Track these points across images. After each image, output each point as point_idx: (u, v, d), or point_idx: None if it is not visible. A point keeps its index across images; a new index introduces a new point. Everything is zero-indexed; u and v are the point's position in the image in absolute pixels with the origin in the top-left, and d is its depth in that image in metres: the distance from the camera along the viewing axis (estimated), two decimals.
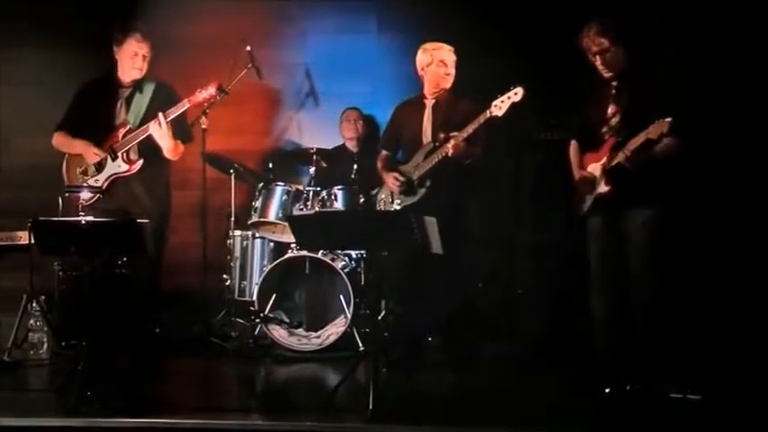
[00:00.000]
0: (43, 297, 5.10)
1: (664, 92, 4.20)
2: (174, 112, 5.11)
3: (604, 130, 4.36)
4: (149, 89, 5.22)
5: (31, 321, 5.06)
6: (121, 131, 5.16)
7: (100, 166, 5.17)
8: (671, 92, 4.21)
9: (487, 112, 4.65)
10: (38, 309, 5.06)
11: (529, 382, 4.66)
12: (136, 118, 5.18)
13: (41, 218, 4.72)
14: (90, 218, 4.38)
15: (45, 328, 5.06)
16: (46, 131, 5.34)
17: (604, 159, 4.31)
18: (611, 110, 4.36)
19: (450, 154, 4.75)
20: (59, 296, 5.14)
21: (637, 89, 4.26)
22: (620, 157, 4.17)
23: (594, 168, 4.37)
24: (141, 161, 5.16)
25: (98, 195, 4.99)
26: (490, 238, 5.84)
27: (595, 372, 4.38)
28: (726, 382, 4.42)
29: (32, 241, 4.53)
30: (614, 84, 4.36)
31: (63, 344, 5.03)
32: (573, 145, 4.61)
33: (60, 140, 5.29)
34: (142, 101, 5.20)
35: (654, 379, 4.21)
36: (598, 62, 4.34)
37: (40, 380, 4.74)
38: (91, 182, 5.11)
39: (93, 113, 5.23)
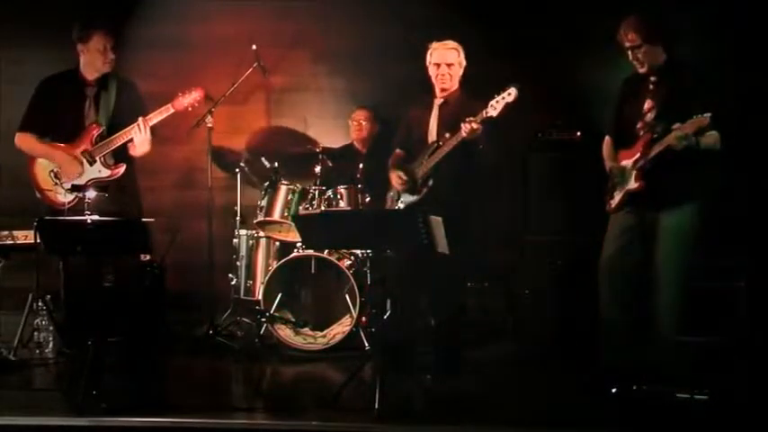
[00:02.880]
0: (49, 296, 5.10)
1: (700, 89, 4.19)
2: (157, 116, 5.06)
3: (639, 125, 4.35)
4: (113, 85, 5.17)
5: (37, 320, 5.06)
6: (94, 133, 5.09)
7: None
8: (708, 89, 4.20)
9: (483, 112, 4.65)
10: (44, 308, 5.06)
11: (535, 381, 4.65)
12: (106, 118, 5.14)
13: (47, 217, 4.73)
14: (95, 217, 4.37)
15: (51, 328, 5.06)
16: None
17: (637, 155, 4.30)
18: (647, 105, 4.35)
19: (465, 134, 4.71)
20: (65, 295, 5.13)
21: (674, 86, 4.25)
22: (666, 141, 4.13)
23: (626, 165, 4.37)
24: (124, 166, 5.11)
25: (77, 198, 4.91)
26: (496, 238, 5.83)
27: (602, 371, 4.37)
28: (733, 382, 4.41)
29: (38, 240, 4.54)
30: (652, 79, 4.36)
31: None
32: (607, 140, 4.60)
33: (29, 143, 5.12)
34: (109, 99, 5.14)
35: (661, 379, 4.20)
36: (632, 58, 4.34)
37: (46, 379, 4.74)
38: (67, 186, 5.02)
39: (61, 113, 5.12)
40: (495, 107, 4.61)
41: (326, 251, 5.40)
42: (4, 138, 5.64)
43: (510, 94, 4.60)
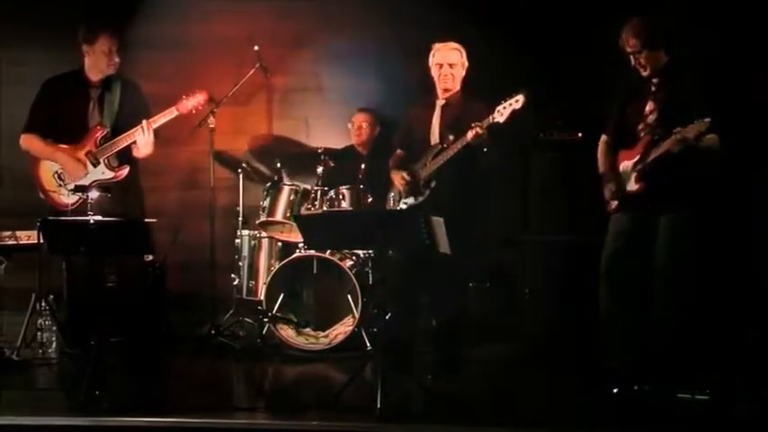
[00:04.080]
0: (52, 296, 5.12)
1: (702, 91, 4.19)
2: (160, 119, 5.08)
3: (640, 127, 4.36)
4: (117, 87, 5.18)
5: (40, 320, 5.08)
6: (98, 135, 5.11)
7: None
8: (710, 91, 4.20)
9: (490, 117, 4.64)
10: (46, 308, 5.07)
11: (535, 381, 4.65)
12: (110, 120, 5.15)
13: (50, 217, 4.75)
14: (98, 217, 4.39)
15: (53, 328, 5.07)
16: None
17: (637, 157, 4.30)
18: (648, 107, 4.35)
19: (470, 139, 4.71)
20: (68, 295, 5.14)
21: (675, 88, 4.26)
22: (666, 145, 4.13)
23: (626, 166, 4.37)
24: (127, 168, 5.13)
25: (81, 199, 4.92)
26: (498, 239, 5.84)
27: (602, 371, 4.37)
28: (735, 382, 4.41)
29: (41, 241, 4.55)
30: (654, 81, 4.36)
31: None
32: (603, 140, 4.60)
33: (34, 145, 5.15)
34: (113, 101, 5.16)
35: (662, 379, 4.21)
36: (634, 62, 4.35)
37: (49, 379, 4.74)
38: (70, 187, 5.03)
39: (65, 114, 5.14)
40: (501, 113, 4.61)
41: (328, 251, 5.42)
42: (6, 139, 5.66)
43: (518, 101, 4.60)
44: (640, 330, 4.32)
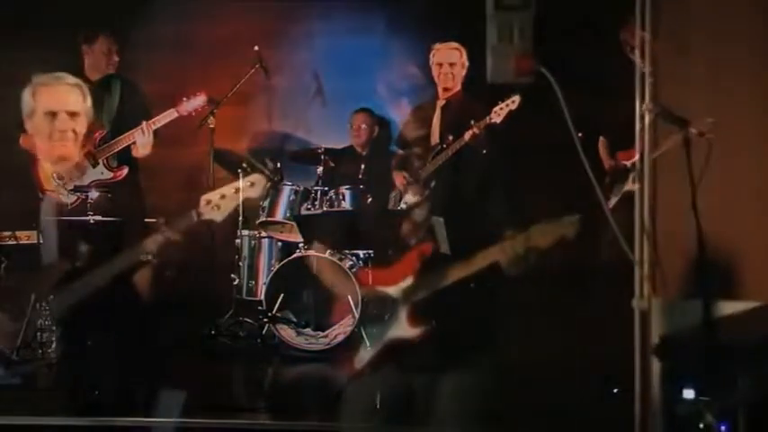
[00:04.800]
0: (51, 296, 5.10)
1: (701, 91, 4.19)
2: (160, 120, 5.09)
3: (638, 126, 4.35)
4: (116, 86, 5.19)
5: (40, 321, 5.06)
6: (97, 135, 5.13)
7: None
8: (709, 91, 4.20)
9: (487, 118, 4.66)
10: (46, 308, 5.06)
11: (536, 382, 4.65)
12: (109, 120, 5.15)
13: (49, 217, 4.75)
14: (98, 217, 4.38)
15: (53, 328, 5.06)
16: None
17: (636, 157, 4.30)
18: (645, 106, 4.34)
19: (468, 140, 4.72)
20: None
21: (674, 86, 4.25)
22: (665, 145, 4.13)
23: (625, 165, 4.38)
24: (127, 169, 5.13)
25: (80, 199, 4.92)
26: (496, 238, 5.82)
27: (603, 372, 4.37)
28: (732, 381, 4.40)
29: (41, 241, 4.55)
30: (650, 81, 4.35)
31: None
32: (601, 141, 4.61)
33: (33, 145, 5.22)
34: (112, 101, 5.17)
35: (662, 378, 4.20)
36: (637, 56, 4.34)
37: (48, 379, 4.74)
38: (69, 188, 5.03)
39: None
40: (498, 114, 4.63)
41: (328, 251, 5.41)
42: (5, 139, 5.65)
43: (513, 102, 4.63)
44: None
